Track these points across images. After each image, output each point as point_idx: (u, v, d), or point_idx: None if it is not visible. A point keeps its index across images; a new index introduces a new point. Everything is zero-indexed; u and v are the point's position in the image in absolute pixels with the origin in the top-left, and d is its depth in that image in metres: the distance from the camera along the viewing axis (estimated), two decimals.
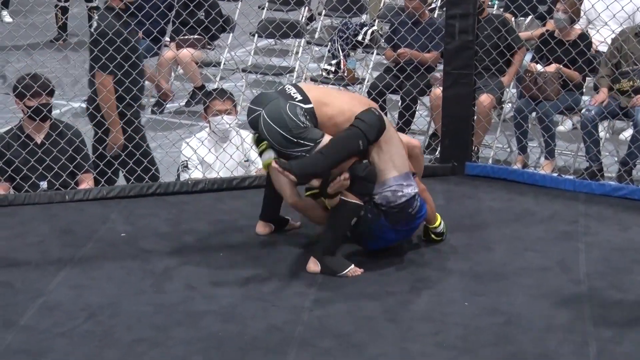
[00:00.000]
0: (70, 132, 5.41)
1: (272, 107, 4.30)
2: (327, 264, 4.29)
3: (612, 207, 5.13)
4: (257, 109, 4.34)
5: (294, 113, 4.26)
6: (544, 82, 6.48)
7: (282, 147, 4.26)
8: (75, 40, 8.95)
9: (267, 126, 4.27)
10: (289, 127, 4.24)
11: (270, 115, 4.27)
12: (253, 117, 4.34)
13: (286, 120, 4.24)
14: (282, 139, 4.24)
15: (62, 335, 3.83)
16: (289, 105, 4.28)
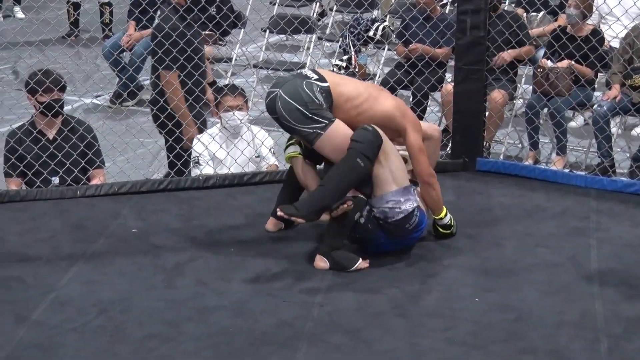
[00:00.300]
0: (82, 128, 5.42)
1: (288, 85, 4.33)
2: (335, 259, 4.29)
3: (624, 203, 5.11)
4: (274, 90, 4.36)
5: (310, 89, 4.30)
6: (555, 77, 6.47)
7: (298, 124, 4.26)
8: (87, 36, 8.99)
9: (283, 103, 4.29)
10: (305, 102, 4.26)
11: (287, 92, 4.30)
12: (270, 98, 4.36)
13: (302, 95, 4.27)
14: (299, 114, 4.26)
15: (74, 330, 3.84)
16: (306, 82, 4.33)
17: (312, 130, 4.27)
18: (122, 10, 8.64)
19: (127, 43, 7.98)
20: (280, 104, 4.30)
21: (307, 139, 4.31)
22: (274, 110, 4.35)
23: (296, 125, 4.29)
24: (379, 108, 4.39)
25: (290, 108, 4.28)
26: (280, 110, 4.31)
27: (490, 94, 6.34)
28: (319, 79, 4.36)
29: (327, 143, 4.28)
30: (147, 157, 6.34)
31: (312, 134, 4.27)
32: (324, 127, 4.27)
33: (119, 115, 6.81)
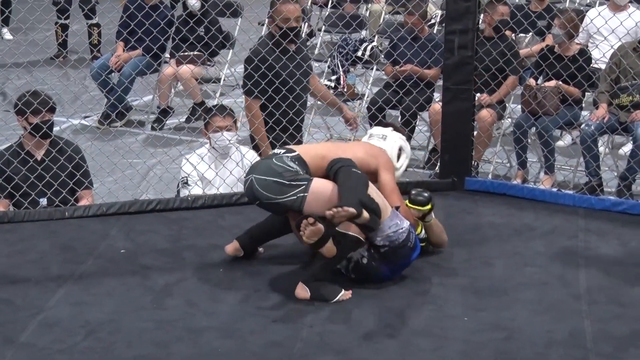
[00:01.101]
0: (70, 149, 5.41)
1: (260, 167, 4.34)
2: (316, 290, 4.20)
3: (612, 222, 5.13)
4: (248, 176, 4.33)
5: (281, 161, 4.29)
6: (543, 97, 6.50)
7: (279, 196, 4.21)
8: (75, 57, 8.99)
9: (259, 182, 4.25)
10: (279, 172, 4.24)
11: (260, 172, 4.28)
12: (247, 186, 4.31)
13: (275, 169, 4.26)
14: (276, 185, 4.22)
15: (62, 352, 3.82)
16: (275, 157, 4.33)
17: (295, 197, 4.22)
18: (111, 31, 8.65)
19: (116, 64, 7.99)
20: (257, 184, 4.26)
21: (294, 207, 4.23)
22: (252, 195, 4.30)
23: (278, 198, 4.23)
24: (352, 157, 4.39)
25: (267, 183, 4.24)
26: (257, 190, 4.26)
27: (479, 113, 6.36)
28: (287, 151, 4.36)
29: (314, 201, 4.20)
30: (136, 178, 6.33)
31: (297, 199, 4.21)
32: (304, 188, 4.22)
33: (107, 136, 6.80)
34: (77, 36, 9.27)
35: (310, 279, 4.22)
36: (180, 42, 7.55)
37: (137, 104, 8.11)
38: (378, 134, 4.74)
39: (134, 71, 7.89)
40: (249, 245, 4.59)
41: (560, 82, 6.51)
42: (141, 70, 7.89)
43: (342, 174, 4.23)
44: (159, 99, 8.06)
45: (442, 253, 4.68)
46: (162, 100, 8.02)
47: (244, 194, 4.40)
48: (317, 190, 4.22)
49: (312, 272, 4.24)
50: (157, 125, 7.92)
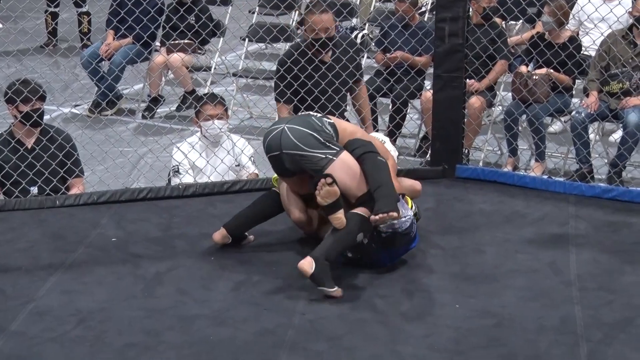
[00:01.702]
0: (60, 137, 5.40)
1: (294, 120, 4.36)
2: (320, 270, 4.10)
3: (602, 209, 5.14)
4: (277, 126, 4.32)
5: (320, 121, 4.32)
6: (534, 84, 6.50)
7: (311, 149, 4.21)
8: (66, 45, 8.96)
9: (294, 132, 4.25)
10: (317, 129, 4.27)
11: (295, 123, 4.30)
12: (273, 134, 4.29)
13: (314, 124, 4.29)
14: (312, 139, 4.23)
15: (53, 340, 3.82)
16: (313, 116, 4.37)
17: (323, 156, 4.21)
18: (101, 19, 8.62)
19: (106, 52, 7.96)
20: (291, 133, 4.24)
21: (317, 165, 4.21)
22: (278, 143, 4.26)
23: (307, 150, 4.22)
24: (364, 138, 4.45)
25: (301, 134, 4.24)
26: (288, 138, 4.24)
27: (468, 101, 6.36)
28: (323, 116, 4.41)
29: (339, 169, 4.20)
30: (127, 167, 6.32)
31: (324, 159, 4.21)
32: (335, 153, 4.23)
33: (97, 124, 6.79)
34: (67, 24, 9.23)
35: (321, 257, 4.11)
36: (171, 30, 7.52)
37: (127, 92, 8.09)
38: (378, 137, 4.78)
39: (124, 59, 7.87)
40: (236, 231, 4.58)
41: (551, 70, 6.51)
42: (131, 59, 7.87)
43: (370, 161, 4.24)
44: (150, 88, 8.03)
45: (433, 240, 4.69)
46: (152, 89, 8.00)
47: (266, 142, 4.33)
48: (346, 162, 4.23)
49: (324, 250, 4.14)
50: (147, 114, 7.90)
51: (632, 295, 4.21)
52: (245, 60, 8.15)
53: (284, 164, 4.31)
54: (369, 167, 4.23)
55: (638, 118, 6.20)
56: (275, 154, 4.31)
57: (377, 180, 4.20)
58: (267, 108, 7.51)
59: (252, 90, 7.76)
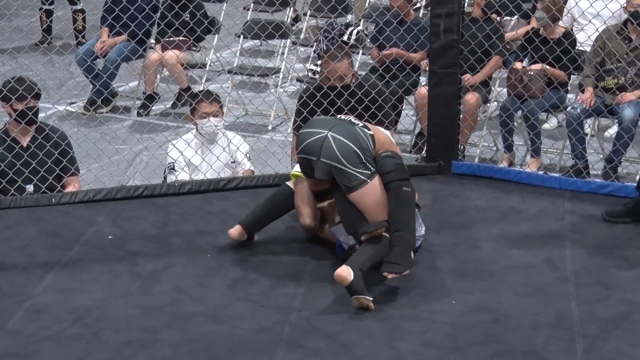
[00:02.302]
0: (56, 135, 5.39)
1: (341, 129, 4.20)
2: (358, 279, 4.03)
3: (598, 204, 5.14)
4: (320, 131, 4.18)
5: (365, 135, 4.21)
6: (529, 80, 6.50)
7: (350, 165, 4.12)
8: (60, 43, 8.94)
9: (339, 144, 4.13)
10: (362, 147, 4.16)
11: (341, 133, 4.16)
12: (314, 139, 4.16)
13: (360, 140, 4.17)
14: (354, 156, 4.13)
15: (50, 338, 3.82)
16: (358, 127, 4.24)
17: (360, 176, 4.13)
18: (95, 16, 8.61)
19: (101, 50, 7.95)
20: (334, 143, 4.13)
21: (351, 182, 4.13)
22: (317, 151, 4.15)
23: (347, 167, 4.12)
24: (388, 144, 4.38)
25: (347, 148, 4.12)
26: (331, 149, 4.12)
27: (464, 97, 6.37)
28: (364, 126, 4.28)
29: (367, 194, 4.14)
30: (122, 164, 6.31)
31: (359, 180, 4.13)
32: (370, 175, 4.16)
33: (93, 122, 6.79)
34: (62, 22, 9.21)
35: (358, 267, 4.03)
36: (166, 28, 7.52)
37: (122, 89, 8.07)
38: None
39: (119, 57, 7.84)
40: (252, 228, 4.56)
41: (547, 65, 6.51)
42: (126, 56, 7.84)
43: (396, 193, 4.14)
44: (145, 85, 8.02)
45: (429, 237, 4.69)
46: (147, 86, 7.99)
47: (303, 144, 4.20)
48: (376, 188, 4.16)
49: (362, 260, 4.07)
50: (143, 111, 7.89)
51: (627, 290, 4.22)
52: (240, 57, 8.15)
53: (315, 169, 4.21)
54: (393, 201, 4.14)
55: (633, 113, 6.21)
56: (312, 159, 4.19)
57: (398, 222, 4.12)
58: (262, 105, 7.50)
59: (248, 87, 7.75)
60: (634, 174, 6.50)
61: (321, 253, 4.52)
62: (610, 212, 4.95)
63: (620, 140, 6.18)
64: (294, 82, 8.14)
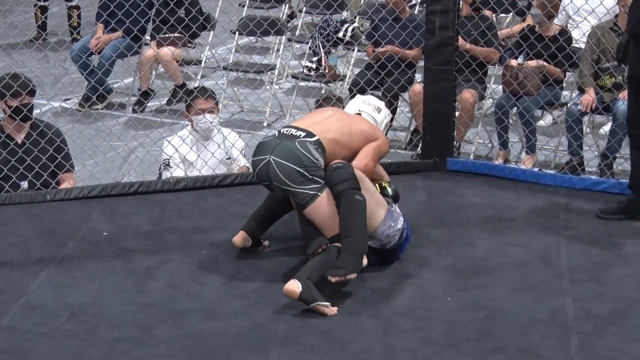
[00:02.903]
0: (50, 132, 5.38)
1: (281, 149, 4.16)
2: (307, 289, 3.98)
3: (593, 201, 5.15)
4: (263, 157, 4.18)
5: (306, 149, 4.16)
6: (524, 77, 6.50)
7: (297, 186, 4.12)
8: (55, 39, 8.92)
9: (281, 167, 4.12)
10: (304, 164, 4.13)
11: (281, 156, 4.14)
12: (261, 167, 4.17)
13: (301, 158, 4.14)
14: (298, 175, 4.12)
15: (45, 335, 3.82)
16: (298, 142, 4.19)
17: (309, 192, 4.13)
18: (90, 13, 8.59)
19: (96, 46, 7.94)
20: (277, 167, 4.13)
21: (301, 201, 4.15)
22: (266, 176, 4.16)
23: (293, 187, 4.13)
24: (358, 136, 4.36)
25: (288, 171, 4.12)
26: (275, 173, 4.13)
27: (461, 94, 6.37)
28: (307, 135, 4.22)
29: (320, 206, 4.14)
30: (117, 161, 6.30)
31: (308, 195, 4.13)
32: (320, 188, 4.15)
33: (88, 118, 6.77)
34: (57, 18, 9.20)
35: (304, 277, 4.01)
36: (161, 24, 7.50)
37: (117, 86, 8.07)
38: (374, 104, 4.65)
39: (114, 53, 7.85)
40: (256, 232, 4.47)
41: (544, 63, 6.50)
42: (121, 53, 7.84)
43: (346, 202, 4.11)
44: (140, 81, 8.01)
45: (424, 233, 4.69)
46: (143, 83, 7.98)
47: (255, 172, 4.23)
48: (325, 201, 4.15)
49: (309, 272, 4.04)
50: (138, 108, 7.88)
51: (622, 287, 4.23)
52: (235, 54, 8.14)
53: (275, 191, 4.25)
54: (343, 209, 4.12)
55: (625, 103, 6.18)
56: (266, 183, 4.22)
57: (347, 228, 4.10)
58: (257, 102, 7.50)
59: (243, 83, 7.74)
60: (628, 170, 6.51)
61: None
62: (604, 210, 4.95)
63: (614, 137, 6.19)
64: (289, 78, 8.14)
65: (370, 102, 4.67)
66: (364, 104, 4.65)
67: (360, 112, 4.59)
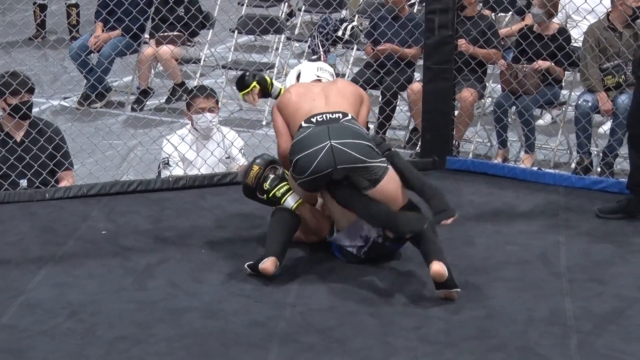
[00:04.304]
0: (50, 130, 5.38)
1: (337, 132, 4.12)
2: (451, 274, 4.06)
3: (592, 200, 5.15)
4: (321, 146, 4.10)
5: (357, 125, 4.19)
6: (523, 76, 6.50)
7: (371, 159, 4.10)
8: (54, 37, 8.92)
9: (348, 146, 4.08)
10: (367, 138, 4.15)
11: (343, 137, 4.10)
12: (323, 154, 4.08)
13: (362, 133, 4.15)
14: (370, 149, 4.12)
15: (44, 333, 3.82)
16: (346, 122, 4.17)
17: (382, 164, 4.14)
18: (89, 11, 8.58)
19: (95, 44, 7.93)
20: (346, 148, 4.08)
21: (377, 174, 4.12)
22: (331, 163, 4.09)
23: (370, 162, 4.10)
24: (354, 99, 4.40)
25: (360, 147, 4.09)
26: (347, 153, 4.07)
27: (460, 93, 6.36)
28: (342, 115, 4.21)
29: (393, 176, 4.16)
30: (116, 159, 6.30)
31: (382, 167, 4.13)
32: (385, 160, 4.17)
33: (87, 117, 6.76)
34: (56, 16, 9.18)
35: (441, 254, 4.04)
36: (160, 22, 7.50)
37: (116, 84, 8.06)
38: (329, 71, 4.62)
39: (113, 52, 7.84)
40: (281, 255, 4.27)
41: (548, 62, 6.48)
42: (120, 51, 7.83)
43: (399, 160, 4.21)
44: (139, 80, 8.00)
45: None
46: (142, 81, 7.97)
47: (315, 166, 4.09)
48: (392, 170, 4.18)
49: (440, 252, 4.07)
50: (137, 106, 7.87)
51: (622, 286, 4.23)
52: (234, 53, 8.14)
53: (327, 179, 4.15)
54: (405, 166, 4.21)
55: (627, 101, 6.15)
56: (326, 172, 4.11)
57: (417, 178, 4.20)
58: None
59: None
60: (627, 170, 6.50)
61: (315, 248, 4.51)
62: (603, 209, 4.95)
63: (614, 136, 6.18)
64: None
65: (324, 68, 4.64)
66: (321, 71, 4.60)
67: (320, 78, 4.55)
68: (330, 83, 4.49)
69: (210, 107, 5.50)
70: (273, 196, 4.35)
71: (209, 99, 5.52)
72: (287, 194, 4.34)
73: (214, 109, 5.54)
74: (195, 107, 5.50)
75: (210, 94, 5.55)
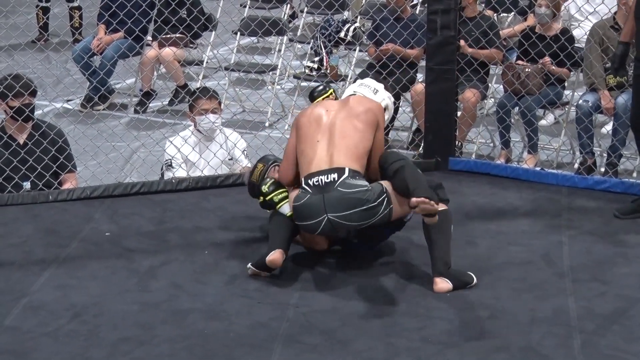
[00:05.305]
0: (52, 132, 5.39)
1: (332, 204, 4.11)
2: (456, 277, 4.14)
3: (595, 200, 5.15)
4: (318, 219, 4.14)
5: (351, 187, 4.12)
6: (526, 76, 6.50)
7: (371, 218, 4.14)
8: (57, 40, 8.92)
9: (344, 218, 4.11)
10: (362, 199, 4.11)
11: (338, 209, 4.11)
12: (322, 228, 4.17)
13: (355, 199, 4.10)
14: (366, 212, 4.12)
15: (47, 335, 3.82)
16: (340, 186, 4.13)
17: (385, 210, 4.14)
18: (92, 13, 8.59)
19: (98, 47, 7.94)
20: (343, 220, 4.11)
21: (382, 220, 4.17)
22: (332, 231, 4.21)
23: (371, 221, 4.14)
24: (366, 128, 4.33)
25: (357, 215, 4.10)
26: (347, 225, 4.14)
27: (463, 94, 6.37)
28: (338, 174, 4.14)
29: (396, 206, 4.18)
30: (119, 161, 6.31)
31: (386, 214, 4.15)
32: (387, 199, 4.14)
33: (90, 119, 6.77)
34: (59, 19, 9.20)
35: (446, 269, 4.13)
36: (163, 25, 7.49)
37: (119, 87, 8.07)
38: (370, 86, 4.60)
39: (116, 54, 7.85)
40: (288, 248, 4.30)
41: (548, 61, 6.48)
42: (123, 53, 7.85)
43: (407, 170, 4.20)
44: (142, 82, 8.02)
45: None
46: (144, 83, 7.99)
47: (319, 232, 4.21)
48: (394, 195, 4.18)
49: (445, 261, 4.13)
50: (140, 108, 7.88)
51: (624, 286, 4.23)
52: (237, 54, 8.15)
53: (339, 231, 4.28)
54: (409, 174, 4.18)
55: (625, 101, 6.16)
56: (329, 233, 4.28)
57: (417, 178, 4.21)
58: (259, 102, 7.50)
59: (245, 84, 7.75)
60: (630, 169, 6.51)
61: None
62: (623, 210, 4.95)
63: (617, 135, 6.18)
64: (291, 79, 8.14)
65: (368, 84, 4.61)
66: (361, 86, 4.60)
67: (356, 93, 4.54)
68: (343, 106, 4.40)
69: (212, 109, 5.51)
70: (270, 200, 4.36)
71: (212, 101, 5.53)
72: (284, 201, 4.34)
73: (217, 110, 5.54)
74: (197, 108, 5.50)
75: (213, 95, 5.56)
